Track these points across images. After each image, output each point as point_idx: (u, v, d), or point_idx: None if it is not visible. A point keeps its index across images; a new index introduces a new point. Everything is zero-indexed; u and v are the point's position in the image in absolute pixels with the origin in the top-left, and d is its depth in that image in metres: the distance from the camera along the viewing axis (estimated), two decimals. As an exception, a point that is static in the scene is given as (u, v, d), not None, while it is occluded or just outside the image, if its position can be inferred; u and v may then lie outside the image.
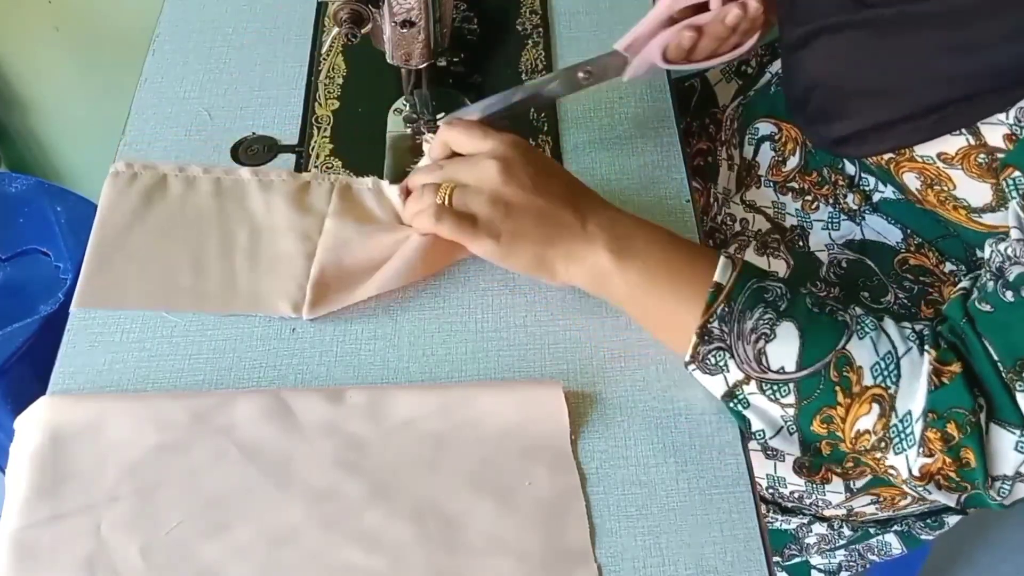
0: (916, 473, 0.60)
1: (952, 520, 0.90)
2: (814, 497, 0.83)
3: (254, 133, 0.82)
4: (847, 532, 0.89)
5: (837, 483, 0.82)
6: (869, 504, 0.84)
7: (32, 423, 0.63)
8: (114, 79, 1.42)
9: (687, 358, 0.63)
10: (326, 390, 0.65)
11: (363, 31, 0.71)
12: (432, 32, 0.71)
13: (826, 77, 0.71)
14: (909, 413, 0.59)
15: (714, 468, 0.63)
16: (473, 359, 0.68)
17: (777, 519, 0.89)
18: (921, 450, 0.59)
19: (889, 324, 0.62)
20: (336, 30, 0.71)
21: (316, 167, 0.78)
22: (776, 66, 0.89)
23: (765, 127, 0.84)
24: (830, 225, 0.78)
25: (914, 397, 0.59)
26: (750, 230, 0.83)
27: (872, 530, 0.89)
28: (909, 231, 0.74)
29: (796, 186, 0.80)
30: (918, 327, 0.62)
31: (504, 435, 0.63)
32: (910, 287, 0.75)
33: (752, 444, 0.82)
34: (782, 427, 0.62)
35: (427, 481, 0.61)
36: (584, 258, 0.65)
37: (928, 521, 0.89)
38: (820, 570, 0.93)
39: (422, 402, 0.65)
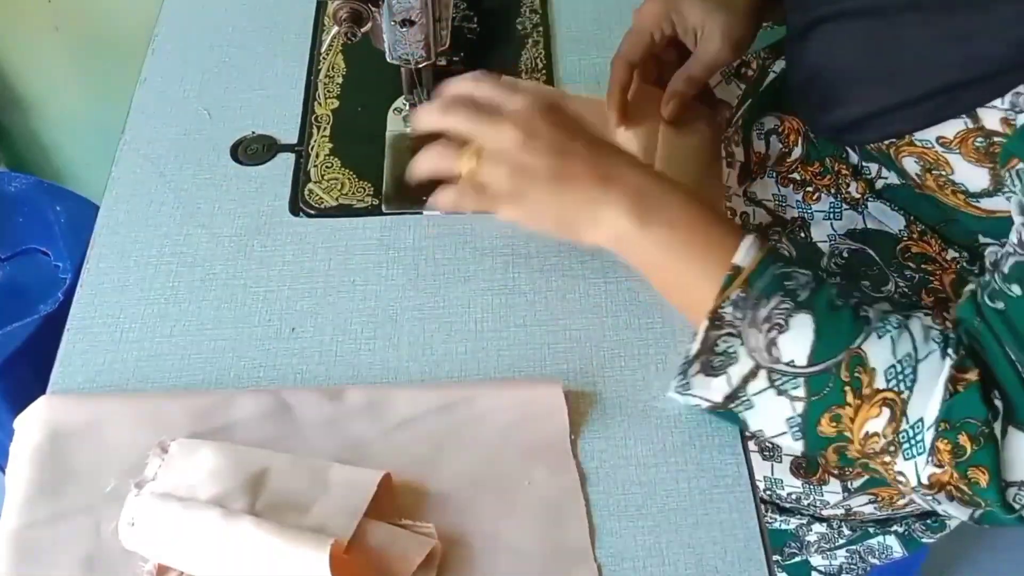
0: (925, 481, 0.57)
1: (953, 522, 0.89)
2: (812, 498, 0.83)
3: (253, 132, 0.81)
4: (847, 532, 0.89)
5: (834, 484, 0.82)
6: (867, 504, 0.84)
7: (32, 423, 0.63)
8: (114, 78, 1.42)
9: (694, 350, 0.60)
10: (326, 389, 0.65)
11: (363, 30, 0.71)
12: (432, 31, 0.71)
13: (827, 65, 0.70)
14: (921, 420, 0.56)
15: (714, 468, 0.63)
16: (473, 359, 0.68)
17: (776, 519, 0.89)
18: (931, 459, 0.56)
19: (915, 324, 0.59)
20: (336, 29, 0.71)
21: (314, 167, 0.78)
22: (779, 65, 0.89)
23: (770, 121, 0.84)
24: (832, 215, 0.77)
25: (928, 404, 0.56)
26: (751, 223, 0.83)
27: (872, 530, 0.89)
28: (912, 217, 0.74)
29: (798, 177, 0.80)
30: (946, 329, 0.59)
31: (504, 435, 0.63)
32: (911, 276, 0.75)
33: (752, 444, 0.82)
34: (785, 432, 0.60)
35: (427, 480, 0.61)
36: (606, 221, 0.62)
37: (928, 522, 0.89)
38: (821, 572, 0.93)
39: (422, 401, 0.65)
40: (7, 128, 1.57)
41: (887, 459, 0.58)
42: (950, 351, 0.57)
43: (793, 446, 0.61)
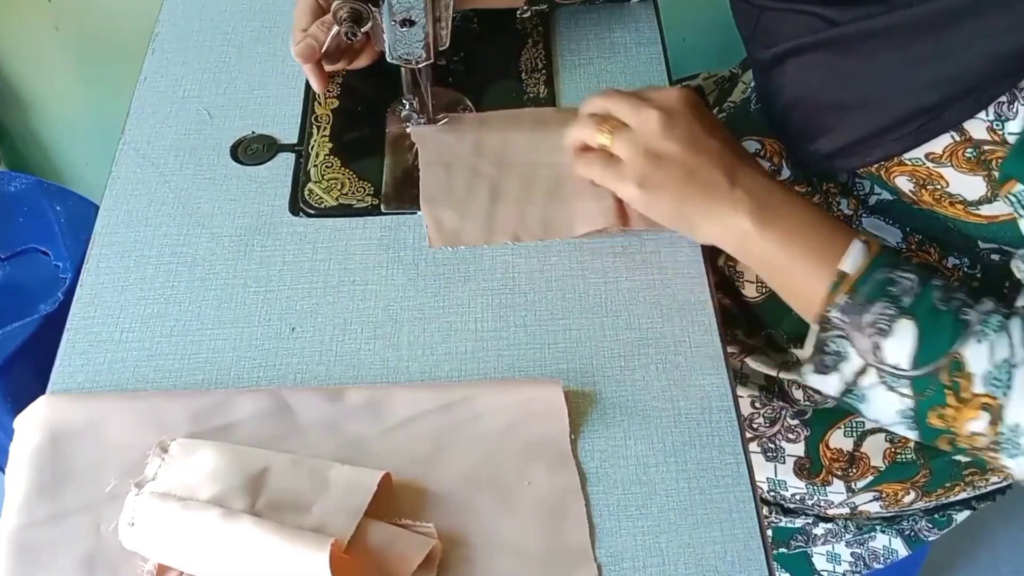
0: None
1: (960, 517, 0.90)
2: (816, 498, 0.83)
3: (253, 132, 0.81)
4: (853, 528, 0.89)
5: (838, 484, 0.82)
6: (872, 501, 0.84)
7: (32, 422, 0.63)
8: (114, 78, 1.43)
9: (808, 352, 0.63)
10: (326, 389, 0.65)
11: (363, 30, 0.71)
12: (432, 31, 0.71)
13: (802, 97, 0.71)
14: (1018, 425, 0.58)
15: (714, 468, 0.63)
16: (473, 358, 0.68)
17: (781, 519, 0.89)
18: None
19: (1015, 327, 0.60)
20: (336, 29, 0.71)
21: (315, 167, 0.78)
22: (749, 76, 0.89)
23: (749, 144, 0.84)
24: None
25: (1023, 410, 0.58)
26: None
27: (879, 527, 0.89)
28: (908, 230, 0.74)
29: None
30: None
31: (504, 434, 0.63)
32: None
33: (752, 445, 0.82)
34: (900, 422, 0.63)
35: (427, 480, 0.61)
36: (725, 219, 0.65)
37: (935, 517, 0.89)
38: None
39: (422, 401, 0.65)
40: (7, 128, 1.57)
41: (992, 455, 0.61)
42: None
43: (908, 435, 0.63)
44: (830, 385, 0.64)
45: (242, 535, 0.54)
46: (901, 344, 0.60)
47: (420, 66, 0.74)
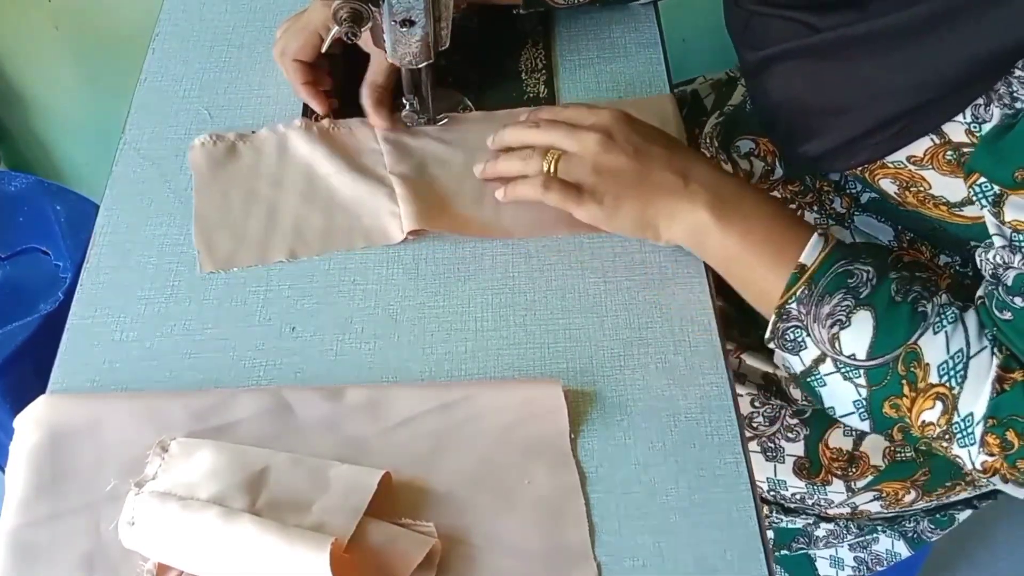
0: (979, 468, 0.61)
1: (962, 516, 0.90)
2: (816, 498, 0.84)
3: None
4: (855, 529, 0.89)
5: (838, 484, 0.82)
6: (873, 501, 0.84)
7: (32, 422, 0.63)
8: (114, 77, 1.42)
9: (767, 334, 0.64)
10: (326, 388, 0.65)
11: (363, 30, 0.71)
12: (432, 31, 0.71)
13: (789, 100, 0.72)
14: (971, 415, 0.60)
15: (714, 468, 0.63)
16: (473, 358, 0.68)
17: (782, 519, 0.89)
18: (982, 449, 0.60)
19: (971, 319, 0.62)
20: (336, 29, 0.71)
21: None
22: (738, 91, 0.90)
23: (744, 144, 0.85)
24: None
25: (977, 400, 0.60)
26: None
27: (881, 527, 0.89)
28: (900, 228, 0.75)
29: (778, 195, 0.81)
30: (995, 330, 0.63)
31: (504, 434, 0.63)
32: None
33: (752, 444, 0.82)
34: (853, 412, 0.64)
35: (427, 480, 0.61)
36: (685, 216, 0.66)
37: (937, 517, 0.89)
38: None
39: (422, 401, 0.65)
40: (7, 128, 1.57)
41: (944, 444, 0.62)
42: (996, 350, 0.60)
43: (861, 425, 0.65)
44: (794, 364, 0.65)
45: (242, 534, 0.54)
46: (858, 335, 0.61)
47: (420, 66, 0.74)
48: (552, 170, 0.68)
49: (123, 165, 0.80)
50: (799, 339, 0.63)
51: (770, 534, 0.89)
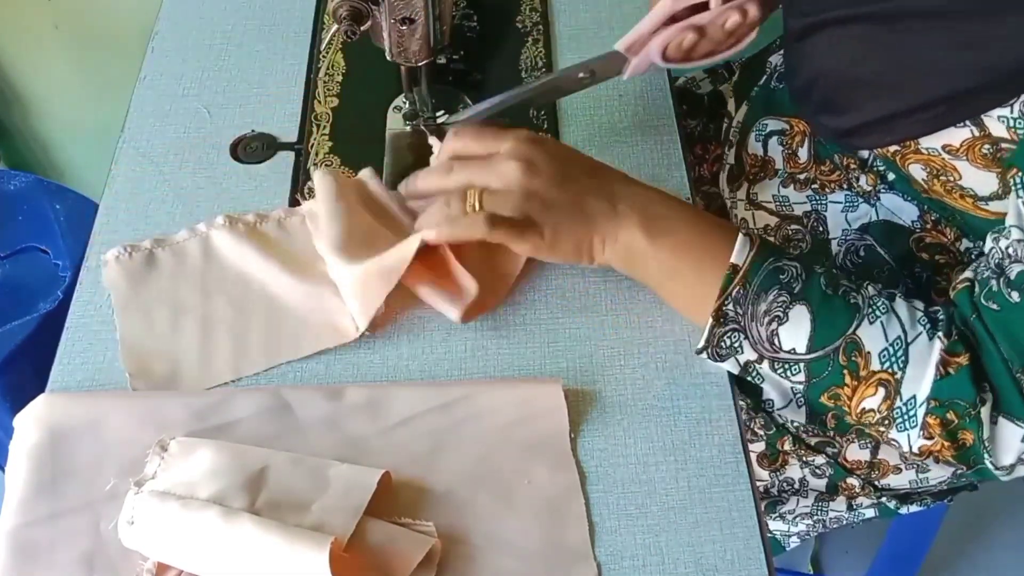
0: (915, 451, 0.62)
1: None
2: (777, 485, 0.84)
3: (253, 131, 0.81)
4: (866, 502, 0.87)
5: (794, 466, 0.82)
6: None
7: (31, 421, 0.63)
8: (113, 76, 1.42)
9: (700, 344, 0.65)
10: (325, 388, 0.65)
11: (362, 28, 0.71)
12: (432, 29, 0.71)
13: (830, 69, 0.71)
14: (914, 397, 0.61)
15: (714, 467, 0.63)
16: (473, 357, 0.68)
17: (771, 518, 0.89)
18: (922, 432, 0.62)
19: (900, 306, 0.63)
20: (335, 27, 0.71)
21: (314, 164, 0.78)
22: (776, 59, 0.88)
23: (774, 123, 0.84)
24: (848, 207, 0.79)
25: (920, 383, 0.61)
26: (754, 227, 0.82)
27: (893, 504, 0.88)
28: (925, 207, 0.75)
29: (809, 177, 0.80)
30: (932, 310, 0.64)
31: (504, 433, 0.63)
32: (920, 274, 0.76)
33: (753, 446, 0.82)
34: (791, 400, 0.65)
35: (426, 479, 0.61)
36: (619, 239, 0.66)
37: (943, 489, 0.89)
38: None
39: (422, 400, 0.65)
40: (7, 127, 1.57)
41: (882, 429, 0.64)
42: (939, 334, 0.62)
43: (794, 416, 0.66)
44: (728, 367, 0.66)
45: (242, 534, 0.54)
46: (797, 330, 0.62)
47: (420, 64, 0.74)
48: (477, 207, 0.65)
49: (123, 164, 0.80)
50: (735, 344, 0.64)
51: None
